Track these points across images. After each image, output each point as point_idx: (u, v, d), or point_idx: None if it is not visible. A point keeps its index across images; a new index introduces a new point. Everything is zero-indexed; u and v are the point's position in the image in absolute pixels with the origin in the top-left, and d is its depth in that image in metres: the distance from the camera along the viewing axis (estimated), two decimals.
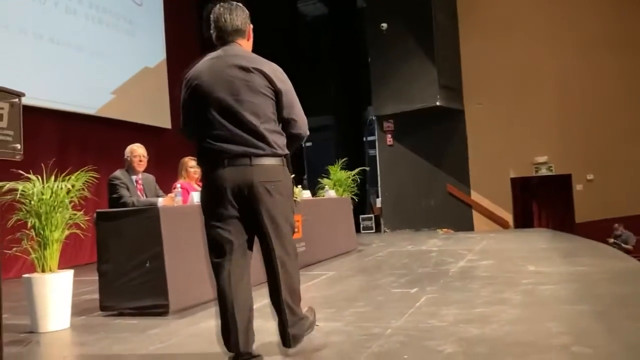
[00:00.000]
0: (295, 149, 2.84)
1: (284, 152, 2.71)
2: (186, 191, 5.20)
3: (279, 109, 2.70)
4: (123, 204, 4.76)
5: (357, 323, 3.54)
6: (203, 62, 2.72)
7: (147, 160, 5.23)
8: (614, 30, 11.58)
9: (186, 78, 2.73)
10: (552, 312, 3.57)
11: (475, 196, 12.63)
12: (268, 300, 2.77)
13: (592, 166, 11.82)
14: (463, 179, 12.69)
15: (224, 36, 2.74)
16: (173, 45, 11.09)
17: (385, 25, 12.30)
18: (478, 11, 12.63)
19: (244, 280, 2.65)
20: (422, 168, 12.88)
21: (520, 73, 12.14)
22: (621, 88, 11.53)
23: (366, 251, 8.16)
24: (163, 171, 8.04)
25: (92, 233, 4.52)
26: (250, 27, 2.82)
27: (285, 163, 2.72)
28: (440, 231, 11.72)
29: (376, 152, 13.48)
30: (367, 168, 11.97)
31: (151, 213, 4.26)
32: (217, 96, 2.61)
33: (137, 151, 5.12)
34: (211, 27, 2.78)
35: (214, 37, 2.78)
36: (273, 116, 2.67)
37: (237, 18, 2.73)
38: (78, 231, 4.14)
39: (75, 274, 4.13)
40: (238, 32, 2.75)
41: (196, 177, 5.78)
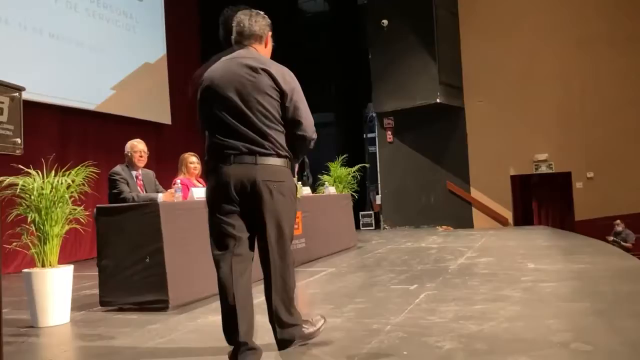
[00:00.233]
0: (303, 152, 2.86)
1: (288, 154, 2.75)
2: (186, 187, 5.20)
3: (284, 110, 2.72)
4: (123, 199, 4.76)
5: (357, 319, 3.55)
6: (217, 62, 2.81)
7: (147, 156, 5.23)
8: (615, 28, 11.57)
9: (201, 76, 2.83)
10: (552, 309, 3.57)
11: (475, 193, 12.63)
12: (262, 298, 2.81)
13: (592, 164, 11.81)
14: (463, 176, 12.69)
15: (241, 40, 2.85)
16: (173, 41, 11.07)
17: (386, 22, 12.29)
18: (479, 8, 12.60)
19: (245, 275, 2.68)
20: (422, 165, 12.87)
21: (520, 70, 12.12)
22: (622, 86, 11.52)
23: (366, 248, 8.16)
24: (163, 167, 8.05)
25: (92, 228, 4.52)
26: (268, 35, 2.91)
27: (288, 165, 2.76)
28: (439, 228, 11.73)
29: (376, 149, 13.48)
30: (367, 165, 11.96)
31: (151, 208, 4.26)
32: (226, 95, 2.68)
33: (138, 147, 5.12)
34: (233, 31, 2.89)
35: (233, 41, 2.88)
36: (279, 117, 2.71)
37: (256, 24, 2.84)
38: (78, 226, 4.15)
39: (75, 269, 4.14)
40: (255, 37, 2.85)
41: (196, 173, 5.77)
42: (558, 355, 2.65)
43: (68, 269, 4.04)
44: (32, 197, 3.87)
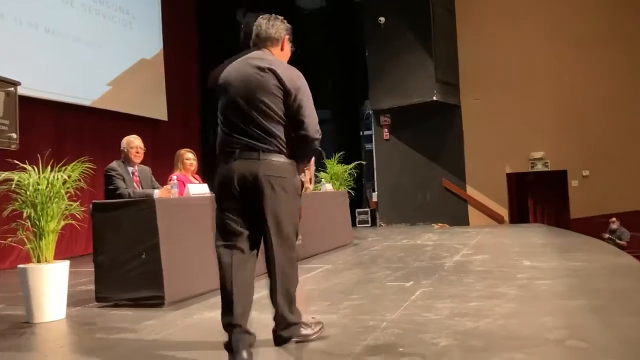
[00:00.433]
0: (307, 151, 2.88)
1: (292, 151, 2.79)
2: (182, 183, 5.19)
3: (288, 109, 2.76)
4: (119, 195, 4.74)
5: (353, 316, 3.55)
6: (233, 62, 2.90)
7: (144, 152, 5.21)
8: (612, 27, 11.58)
9: (218, 75, 2.94)
10: (547, 307, 3.58)
11: (470, 191, 12.65)
12: (265, 292, 2.81)
13: (588, 162, 11.84)
14: (459, 174, 12.70)
15: (258, 42, 2.95)
16: (170, 37, 11.03)
17: (383, 19, 12.28)
18: (476, 6, 12.61)
19: (247, 268, 2.72)
20: (419, 162, 12.88)
21: (517, 69, 12.14)
22: (618, 85, 11.54)
23: (362, 245, 8.17)
24: (159, 163, 8.03)
25: (88, 224, 4.51)
26: (285, 38, 2.98)
27: (293, 163, 2.80)
28: (435, 225, 11.74)
29: (373, 147, 13.48)
30: (364, 162, 11.96)
31: (147, 204, 4.25)
32: (234, 93, 2.78)
33: (134, 142, 5.10)
34: (252, 33, 2.99)
35: (251, 43, 2.98)
36: (283, 116, 2.75)
37: (272, 28, 2.94)
38: (74, 222, 4.13)
39: (71, 265, 4.12)
40: (270, 40, 2.94)
41: (192, 169, 5.76)
42: (553, 352, 2.65)
43: (64, 265, 4.03)
44: (28, 193, 3.85)
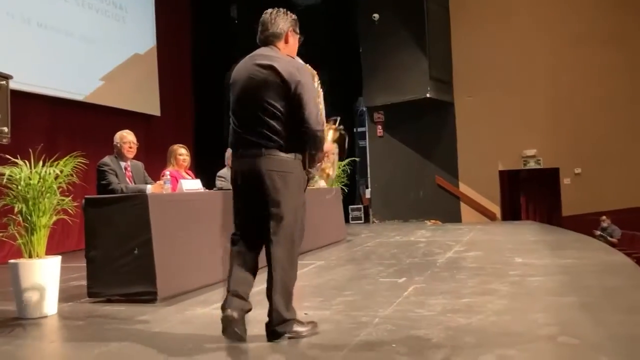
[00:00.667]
0: (311, 144, 2.89)
1: (297, 147, 2.84)
2: (175, 179, 5.16)
3: (290, 104, 2.79)
4: (112, 191, 4.72)
5: (346, 312, 3.56)
6: (242, 61, 2.99)
7: (136, 147, 5.19)
8: (605, 26, 11.63)
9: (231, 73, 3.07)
10: (539, 303, 3.60)
11: (463, 188, 12.69)
12: (262, 287, 2.84)
13: (580, 160, 11.90)
14: (452, 171, 12.73)
15: (263, 39, 3.02)
16: (163, 32, 10.99)
17: (377, 15, 12.28)
18: (470, 3, 12.62)
19: (247, 259, 2.89)
20: (412, 159, 12.90)
21: (510, 67, 12.17)
22: (610, 83, 11.60)
23: (355, 241, 8.18)
24: (151, 158, 7.99)
25: (80, 219, 4.49)
26: (288, 31, 3.02)
27: (298, 157, 2.86)
28: (428, 222, 11.77)
29: (366, 143, 13.48)
30: (357, 159, 11.96)
31: (140, 200, 4.23)
32: (240, 92, 2.90)
33: (127, 137, 5.07)
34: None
35: (257, 41, 3.05)
36: (285, 111, 2.80)
37: (273, 24, 2.99)
38: (66, 217, 4.10)
39: (62, 261, 4.09)
40: (274, 36, 2.99)
41: (185, 165, 5.74)
42: (545, 348, 2.67)
43: (55, 260, 4.00)
44: (19, 187, 3.82)
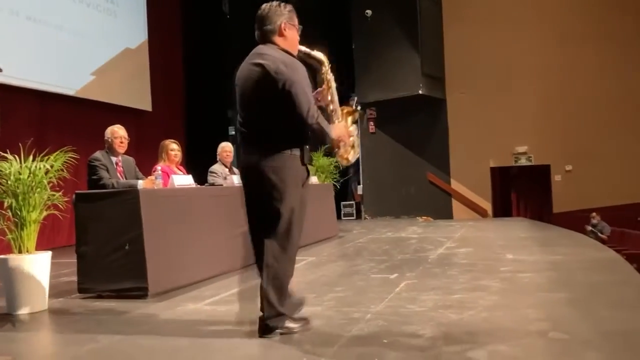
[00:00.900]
0: (308, 136, 2.90)
1: (292, 142, 2.85)
2: (166, 174, 5.14)
3: (282, 99, 2.78)
4: (103, 186, 4.69)
5: (337, 307, 3.56)
6: (243, 61, 3.00)
7: (128, 142, 5.16)
8: (596, 24, 11.69)
9: None
10: (530, 299, 3.62)
11: (455, 185, 12.73)
12: (255, 282, 2.87)
13: (571, 157, 11.97)
14: (443, 168, 12.77)
15: (259, 37, 3.00)
16: (155, 26, 10.91)
17: (369, 12, 12.26)
18: (462, 1, 12.64)
19: (257, 252, 2.92)
20: (404, 156, 12.92)
21: (502, 64, 12.20)
22: (601, 81, 11.66)
23: (347, 237, 8.18)
24: (143, 154, 7.95)
25: (71, 214, 4.46)
26: (282, 25, 2.96)
27: (293, 152, 2.85)
28: (420, 219, 11.79)
29: (358, 140, 13.46)
30: None
31: (131, 195, 4.21)
32: (239, 91, 2.95)
33: (118, 132, 5.04)
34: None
35: (256, 38, 3.03)
36: (279, 107, 2.79)
37: (266, 21, 2.96)
38: (56, 212, 4.08)
39: (53, 256, 4.07)
40: (270, 33, 2.97)
41: (176, 160, 5.72)
42: (535, 343, 2.69)
43: (46, 256, 3.98)
44: (9, 182, 3.79)
